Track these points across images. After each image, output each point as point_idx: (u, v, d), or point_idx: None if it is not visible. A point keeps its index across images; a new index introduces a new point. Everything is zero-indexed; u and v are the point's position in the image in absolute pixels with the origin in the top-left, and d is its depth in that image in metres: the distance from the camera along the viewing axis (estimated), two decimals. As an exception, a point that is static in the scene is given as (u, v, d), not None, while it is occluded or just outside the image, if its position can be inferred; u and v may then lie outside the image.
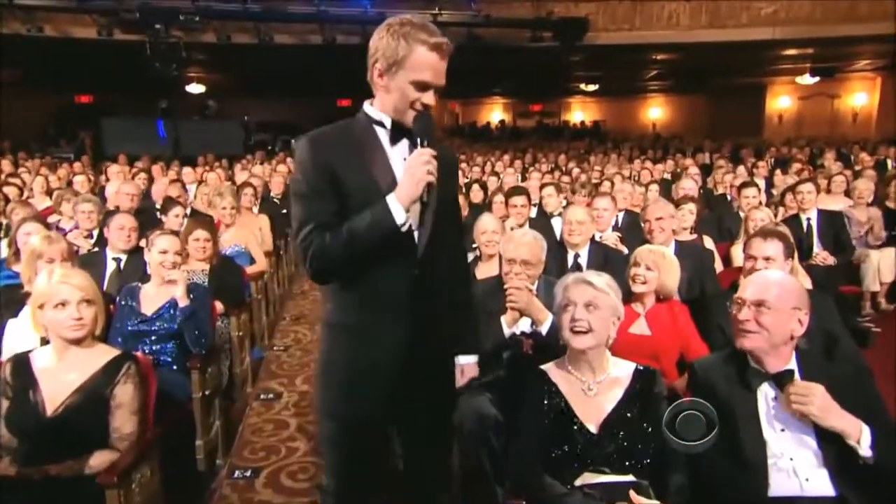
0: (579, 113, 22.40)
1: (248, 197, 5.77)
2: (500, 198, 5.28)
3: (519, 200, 4.56)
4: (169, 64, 10.67)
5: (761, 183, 7.10)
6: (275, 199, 7.29)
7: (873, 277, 5.15)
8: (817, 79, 16.30)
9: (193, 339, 2.91)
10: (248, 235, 4.94)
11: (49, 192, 6.96)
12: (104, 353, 2.13)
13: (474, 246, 3.84)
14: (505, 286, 2.53)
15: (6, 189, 5.82)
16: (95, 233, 4.61)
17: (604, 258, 3.64)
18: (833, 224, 4.85)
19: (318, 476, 3.01)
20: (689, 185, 5.42)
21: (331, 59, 13.04)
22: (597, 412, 1.71)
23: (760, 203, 4.98)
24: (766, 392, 1.79)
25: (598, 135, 19.23)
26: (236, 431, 3.47)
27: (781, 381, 1.76)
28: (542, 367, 1.85)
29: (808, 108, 17.83)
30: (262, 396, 3.96)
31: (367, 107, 1.70)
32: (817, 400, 1.66)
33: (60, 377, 2.04)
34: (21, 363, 2.06)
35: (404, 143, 1.67)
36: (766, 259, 2.53)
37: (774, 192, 6.47)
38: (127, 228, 3.80)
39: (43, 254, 2.94)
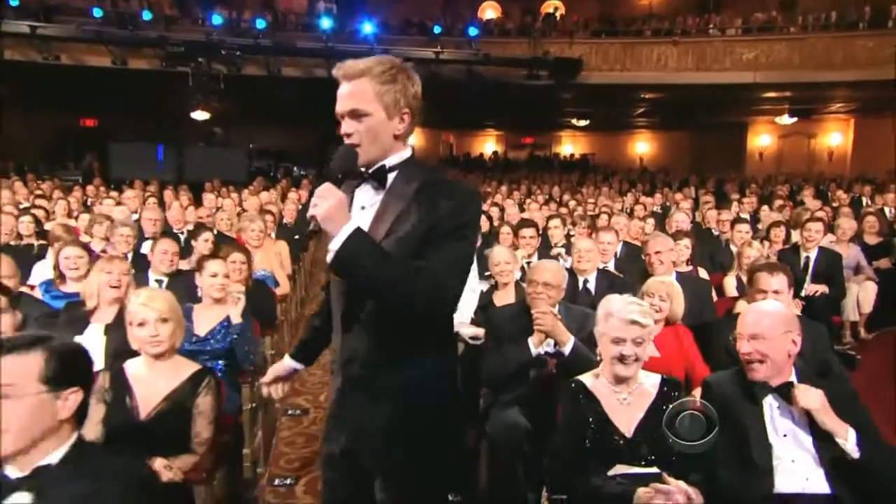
0: (569, 146, 22.93)
1: (268, 223, 6.02)
2: (506, 229, 5.57)
3: (528, 232, 4.87)
4: (209, 95, 10.97)
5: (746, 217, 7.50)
6: (287, 226, 7.53)
7: (853, 308, 5.49)
8: (795, 119, 16.98)
9: (243, 355, 3.13)
10: (273, 260, 5.18)
11: (69, 214, 7.16)
12: (187, 367, 2.37)
13: (487, 274, 4.12)
14: (532, 311, 2.80)
15: (34, 212, 6.00)
16: (130, 255, 4.83)
17: (609, 284, 3.95)
18: (831, 263, 5.04)
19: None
20: (682, 219, 5.77)
21: (333, 90, 13.48)
22: (630, 419, 1.98)
23: (756, 238, 5.30)
24: (770, 403, 2.08)
25: (587, 167, 19.75)
26: (271, 444, 3.68)
27: (783, 392, 2.05)
28: (581, 378, 2.12)
29: (787, 146, 18.51)
30: (290, 412, 4.17)
31: None
32: (819, 398, 1.94)
33: (151, 386, 2.26)
34: (118, 373, 2.28)
35: (364, 187, 1.61)
36: (776, 292, 2.79)
37: (760, 226, 6.82)
38: (170, 253, 4.04)
39: (101, 270, 3.17)
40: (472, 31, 12.93)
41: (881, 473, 1.91)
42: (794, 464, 1.99)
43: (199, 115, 15.42)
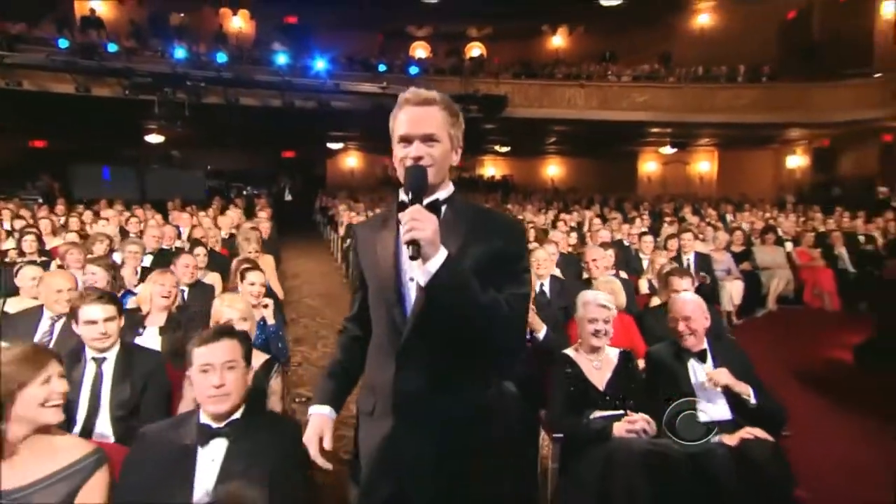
0: (491, 168, 23.86)
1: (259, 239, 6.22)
2: None
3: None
4: (174, 121, 10.74)
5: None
6: (263, 241, 7.67)
7: (728, 301, 6.47)
8: (675, 150, 18.83)
9: (277, 349, 3.44)
10: (268, 270, 5.42)
11: (54, 232, 6.97)
12: (259, 356, 2.68)
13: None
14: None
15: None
16: (139, 269, 4.91)
17: (560, 286, 4.56)
18: (705, 263, 6.01)
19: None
20: (605, 235, 6.55)
21: (285, 118, 13.55)
22: (601, 378, 2.55)
23: (655, 248, 6.14)
24: (693, 364, 2.71)
25: (508, 187, 20.74)
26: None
27: (701, 356, 2.70)
28: (566, 351, 2.67)
29: (669, 172, 20.28)
30: (297, 400, 4.46)
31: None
32: (727, 375, 2.59)
33: (234, 371, 2.59)
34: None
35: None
36: (685, 290, 3.50)
37: (658, 239, 7.76)
38: (191, 266, 4.25)
39: (156, 282, 3.39)
40: (413, 70, 13.46)
41: (765, 409, 2.58)
42: (710, 403, 2.63)
43: (154, 139, 15.00)
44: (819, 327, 6.36)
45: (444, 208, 1.45)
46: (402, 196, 1.41)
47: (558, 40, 20.05)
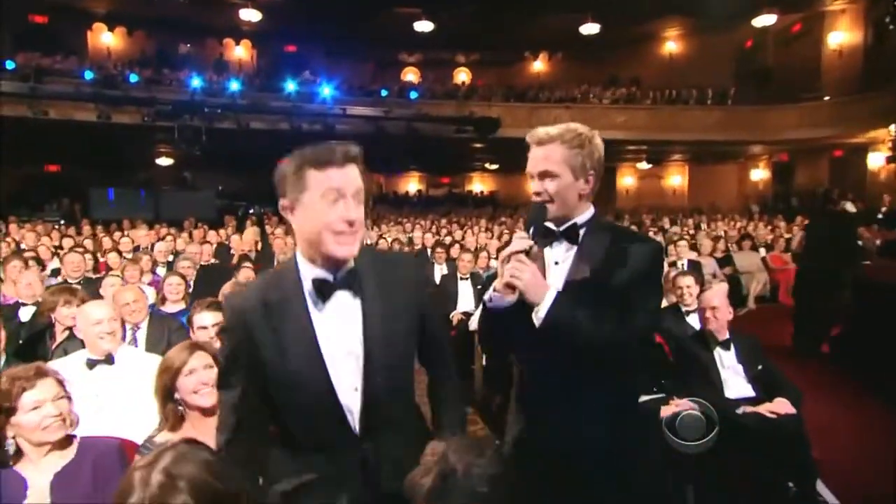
0: (479, 184, 24.10)
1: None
2: (468, 256, 6.22)
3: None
4: (193, 145, 10.85)
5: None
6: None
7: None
8: (650, 165, 19.49)
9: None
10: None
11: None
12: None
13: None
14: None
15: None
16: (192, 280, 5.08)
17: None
18: (697, 267, 6.41)
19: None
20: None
21: (292, 140, 13.71)
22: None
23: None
24: (719, 351, 3.00)
25: (496, 203, 21.10)
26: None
27: (725, 345, 2.99)
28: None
29: (645, 185, 20.80)
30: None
31: None
32: (786, 406, 2.81)
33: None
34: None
35: (556, 243, 1.52)
36: (687, 287, 3.75)
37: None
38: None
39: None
40: (413, 95, 13.81)
41: (783, 385, 2.89)
42: (731, 380, 2.93)
43: (164, 161, 15.05)
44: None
45: (581, 232, 1.48)
46: (521, 234, 1.43)
47: (539, 65, 20.61)
